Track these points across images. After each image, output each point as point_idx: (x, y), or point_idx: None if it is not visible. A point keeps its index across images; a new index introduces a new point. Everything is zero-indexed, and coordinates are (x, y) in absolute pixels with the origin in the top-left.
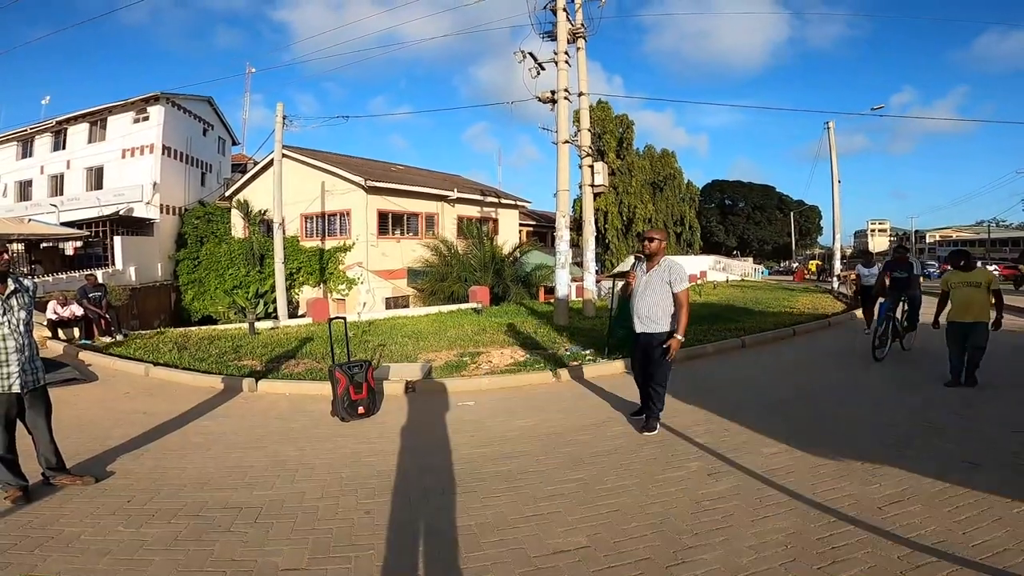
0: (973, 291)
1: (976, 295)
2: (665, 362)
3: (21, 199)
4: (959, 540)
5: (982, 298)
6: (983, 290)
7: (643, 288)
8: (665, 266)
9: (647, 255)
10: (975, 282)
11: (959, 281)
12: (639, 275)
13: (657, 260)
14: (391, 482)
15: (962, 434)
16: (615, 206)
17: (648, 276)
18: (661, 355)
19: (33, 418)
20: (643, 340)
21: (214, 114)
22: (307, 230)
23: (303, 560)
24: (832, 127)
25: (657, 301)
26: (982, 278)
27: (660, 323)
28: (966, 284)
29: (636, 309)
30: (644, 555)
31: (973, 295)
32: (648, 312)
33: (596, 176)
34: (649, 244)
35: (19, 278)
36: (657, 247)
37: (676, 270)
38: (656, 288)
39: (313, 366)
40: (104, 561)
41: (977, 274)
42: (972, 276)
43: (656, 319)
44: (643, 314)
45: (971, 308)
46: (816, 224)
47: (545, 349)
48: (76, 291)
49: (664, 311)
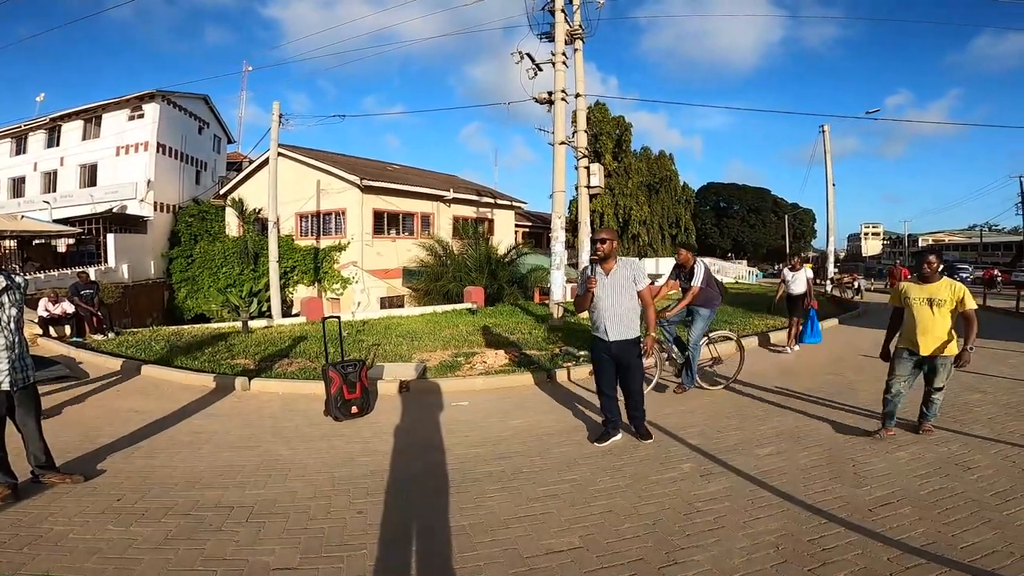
0: (935, 311)
1: (939, 317)
2: (642, 367)
3: (14, 195)
4: (948, 542)
5: (946, 322)
6: (947, 310)
7: (608, 293)
8: (625, 264)
9: (602, 257)
10: (939, 299)
11: (919, 296)
12: (600, 279)
13: (613, 261)
14: (384, 482)
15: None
16: (611, 208)
17: (610, 278)
18: (639, 360)
19: (22, 416)
20: (616, 349)
21: (210, 112)
22: (302, 229)
23: (295, 560)
24: (827, 131)
25: (628, 304)
26: (948, 294)
27: (633, 326)
28: (926, 301)
29: (608, 315)
30: (637, 556)
31: (935, 317)
32: (620, 317)
33: (592, 177)
34: (602, 246)
35: (10, 275)
36: (610, 248)
37: (637, 267)
38: (624, 289)
39: (307, 365)
40: (93, 560)
41: (941, 288)
42: (935, 290)
43: (629, 323)
44: (616, 320)
45: (930, 334)
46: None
47: (540, 350)
48: (68, 288)
49: (636, 312)
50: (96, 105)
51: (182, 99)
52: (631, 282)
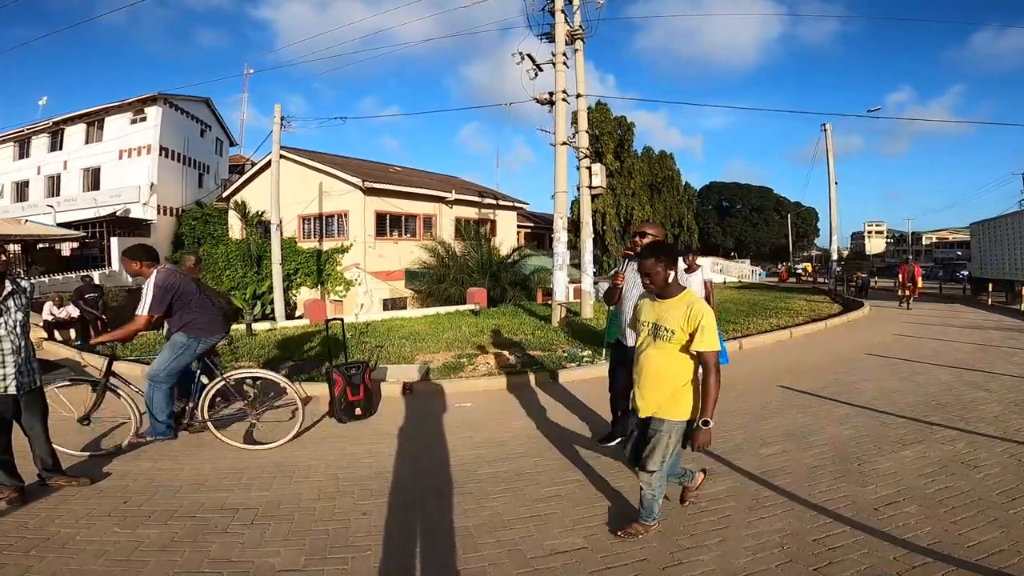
0: (654, 349)
1: (659, 357)
2: None
3: (18, 200)
4: (955, 541)
5: (672, 365)
6: (674, 346)
7: (638, 292)
8: None
9: (640, 253)
10: (665, 327)
11: (647, 319)
12: (630, 277)
13: None
14: (388, 483)
15: None
16: (613, 208)
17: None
18: None
19: (29, 420)
20: (632, 354)
21: (212, 115)
22: (305, 231)
23: (300, 561)
24: (829, 130)
25: None
26: (676, 321)
27: None
28: (650, 329)
29: (628, 317)
30: (641, 556)
31: (652, 356)
32: None
33: (594, 178)
34: (643, 240)
35: (16, 279)
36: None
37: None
38: None
39: (310, 368)
40: (100, 562)
41: (672, 307)
42: (664, 310)
43: None
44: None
45: (647, 382)
46: (813, 226)
47: (543, 351)
48: (72, 292)
49: None
50: (99, 108)
51: (184, 102)
52: None
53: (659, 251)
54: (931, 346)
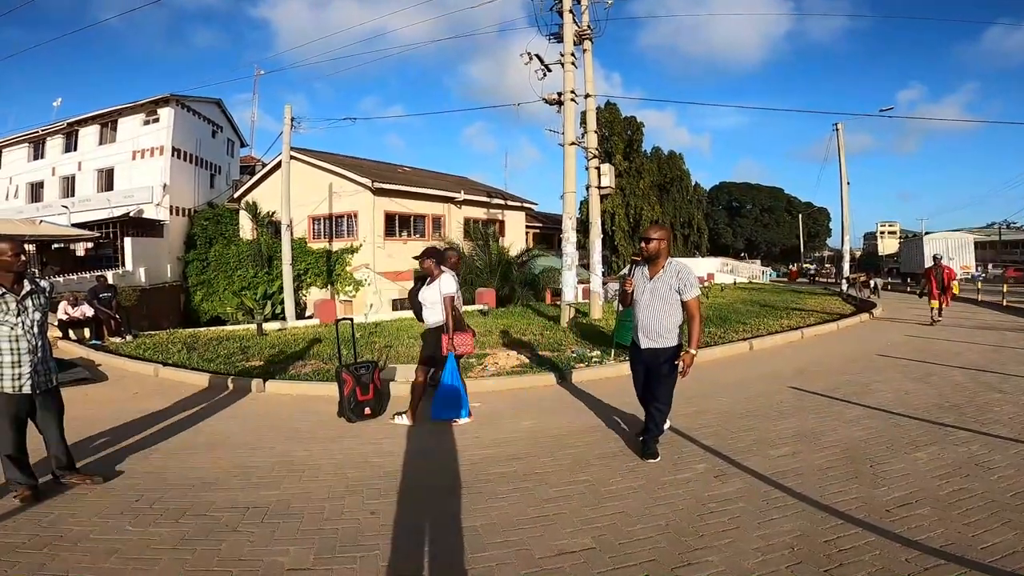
0: None
1: None
2: (671, 379)
3: (33, 200)
4: (968, 543)
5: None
6: None
7: (648, 297)
8: (672, 271)
9: (647, 258)
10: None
11: None
12: (639, 282)
13: (661, 263)
14: (397, 483)
15: None
16: (622, 208)
17: (653, 283)
18: (669, 371)
19: (45, 418)
20: (647, 356)
21: (223, 116)
22: (315, 231)
23: (309, 560)
24: (841, 129)
25: (666, 312)
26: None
27: (669, 337)
28: None
29: (641, 322)
30: (649, 557)
31: None
32: (655, 326)
33: (603, 178)
34: (647, 245)
35: (35, 279)
36: (657, 248)
37: (685, 275)
38: (664, 297)
39: (320, 367)
40: (112, 560)
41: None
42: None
43: (664, 333)
44: (650, 328)
45: None
46: (825, 226)
47: (551, 351)
48: (87, 292)
49: (674, 322)
50: (112, 110)
51: (196, 103)
52: (673, 291)
53: None
54: (943, 347)
